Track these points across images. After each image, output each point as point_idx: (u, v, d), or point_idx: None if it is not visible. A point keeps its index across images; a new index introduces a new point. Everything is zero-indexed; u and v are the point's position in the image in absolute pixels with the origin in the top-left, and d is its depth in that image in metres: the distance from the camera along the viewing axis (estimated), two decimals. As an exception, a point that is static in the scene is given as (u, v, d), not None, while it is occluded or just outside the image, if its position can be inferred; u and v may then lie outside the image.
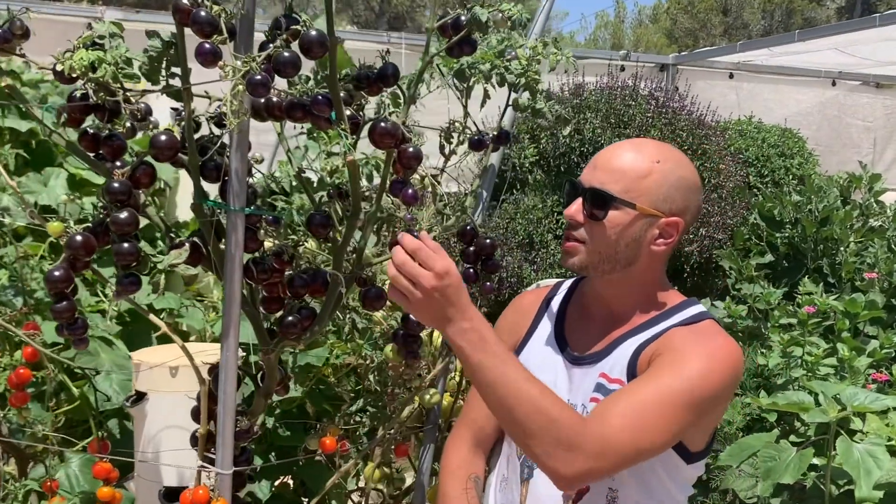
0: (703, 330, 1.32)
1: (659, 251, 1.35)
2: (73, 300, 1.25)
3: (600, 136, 3.99)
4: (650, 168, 1.32)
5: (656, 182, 1.32)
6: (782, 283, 3.74)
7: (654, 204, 1.32)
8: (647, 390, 1.23)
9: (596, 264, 1.35)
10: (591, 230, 1.34)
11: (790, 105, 7.28)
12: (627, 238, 1.33)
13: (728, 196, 4.10)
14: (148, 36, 1.22)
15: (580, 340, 1.41)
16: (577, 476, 1.17)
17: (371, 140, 1.25)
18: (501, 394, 1.16)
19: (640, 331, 1.35)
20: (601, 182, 1.32)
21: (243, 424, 1.33)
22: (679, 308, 1.37)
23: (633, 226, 1.32)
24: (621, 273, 1.36)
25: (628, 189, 1.31)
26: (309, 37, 1.14)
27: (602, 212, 1.32)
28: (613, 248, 1.33)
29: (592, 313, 1.43)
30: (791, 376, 2.72)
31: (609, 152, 1.37)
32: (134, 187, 1.22)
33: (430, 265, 1.15)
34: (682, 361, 1.25)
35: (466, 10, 1.48)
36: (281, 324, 1.32)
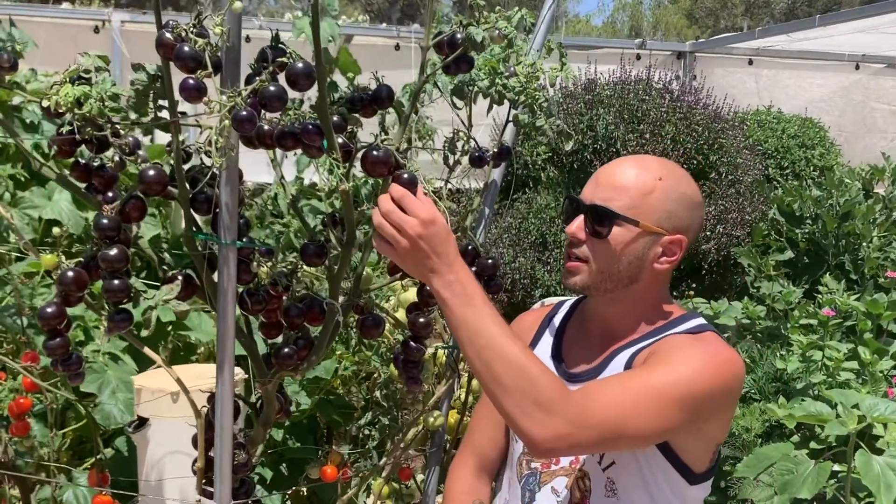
0: (703, 337, 1.31)
1: (662, 269, 1.34)
2: (66, 336, 1.26)
3: (613, 132, 3.95)
4: (653, 185, 1.31)
5: (659, 199, 1.31)
6: (802, 281, 3.70)
7: (657, 221, 1.31)
8: (640, 377, 1.22)
9: (598, 283, 1.33)
10: (593, 248, 1.32)
11: (812, 91, 7.18)
12: (630, 256, 1.31)
13: (746, 191, 4.05)
14: (134, 69, 1.21)
15: (576, 357, 1.40)
16: (550, 439, 1.14)
17: (364, 169, 1.24)
18: (482, 348, 1.15)
19: (637, 343, 1.34)
20: (604, 199, 1.31)
21: (241, 458, 1.32)
22: (680, 320, 1.36)
23: (636, 243, 1.31)
24: (623, 291, 1.34)
25: (632, 206, 1.30)
26: (295, 69, 1.12)
27: (605, 229, 1.30)
28: (616, 266, 1.32)
29: (591, 331, 1.42)
30: (811, 381, 2.68)
31: (611, 169, 1.36)
32: (124, 222, 1.22)
33: (415, 213, 1.15)
34: (679, 358, 1.23)
35: (462, 27, 1.46)
36: (277, 355, 1.32)
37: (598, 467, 1.33)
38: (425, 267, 1.17)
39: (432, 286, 1.18)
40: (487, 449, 1.51)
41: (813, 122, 5.40)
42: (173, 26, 1.13)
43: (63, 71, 1.25)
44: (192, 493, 1.63)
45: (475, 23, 1.47)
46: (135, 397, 1.73)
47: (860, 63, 7.26)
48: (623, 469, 1.30)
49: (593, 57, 5.42)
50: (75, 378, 1.29)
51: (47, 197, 2.53)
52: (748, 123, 5.23)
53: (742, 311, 3.27)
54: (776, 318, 3.31)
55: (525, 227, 3.95)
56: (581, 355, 1.40)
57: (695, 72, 6.61)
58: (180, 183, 1.23)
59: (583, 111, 4.07)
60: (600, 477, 1.32)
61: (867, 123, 7.42)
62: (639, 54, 6.40)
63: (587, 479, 1.33)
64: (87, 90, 1.16)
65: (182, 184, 1.23)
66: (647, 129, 3.96)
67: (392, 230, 1.16)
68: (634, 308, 1.36)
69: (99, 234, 1.19)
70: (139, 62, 1.20)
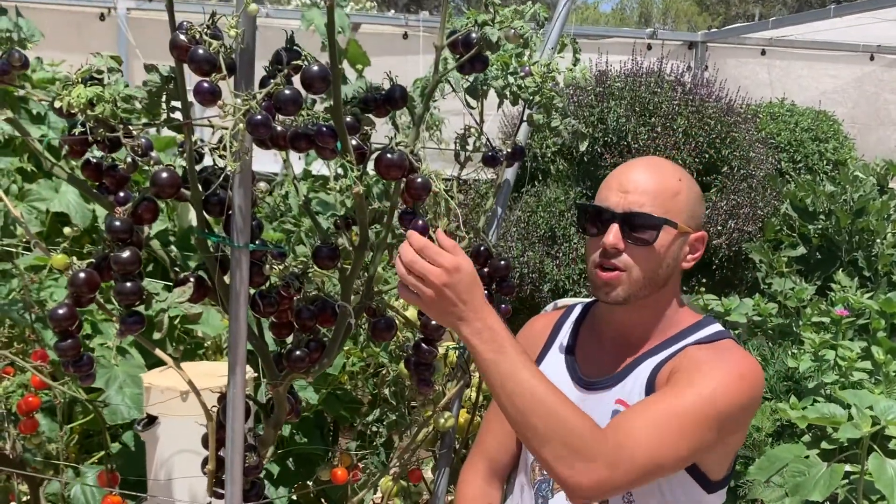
0: (722, 347, 1.31)
1: (687, 267, 1.37)
2: (77, 338, 1.26)
3: (624, 126, 3.94)
4: (678, 186, 1.34)
5: (686, 199, 1.34)
6: (815, 277, 3.69)
7: (686, 221, 1.34)
8: (667, 404, 1.22)
9: (639, 291, 1.34)
10: (636, 256, 1.32)
11: (825, 82, 7.14)
12: (669, 259, 1.34)
13: (758, 186, 4.04)
14: (146, 70, 1.21)
15: (591, 364, 1.40)
16: (592, 486, 1.14)
17: (377, 172, 1.24)
18: (515, 396, 1.15)
19: (656, 352, 1.34)
20: (641, 205, 1.32)
21: (252, 461, 1.33)
22: (696, 327, 1.36)
23: (675, 245, 1.34)
24: (655, 296, 1.35)
25: (667, 209, 1.32)
26: (311, 72, 1.12)
27: (650, 235, 1.31)
28: (655, 271, 1.33)
29: (603, 335, 1.42)
30: (823, 380, 2.68)
31: (633, 174, 1.36)
32: (136, 223, 1.22)
33: (439, 262, 1.14)
34: (702, 376, 1.24)
35: (477, 26, 1.45)
36: (289, 358, 1.32)
37: None
38: (452, 315, 1.16)
39: (461, 333, 1.18)
40: (498, 454, 1.51)
41: (827, 116, 5.37)
42: (187, 28, 1.13)
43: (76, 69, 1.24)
44: (202, 492, 1.64)
45: (490, 21, 1.46)
46: (144, 395, 1.73)
47: (875, 54, 7.21)
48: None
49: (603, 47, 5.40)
50: (86, 379, 1.30)
51: (54, 189, 2.53)
52: (761, 116, 5.20)
53: (753, 308, 3.27)
54: (788, 315, 3.31)
55: (534, 220, 3.95)
56: (596, 361, 1.40)
57: (707, 62, 6.58)
58: (193, 185, 1.23)
59: (593, 103, 4.06)
60: None
61: (881, 115, 7.38)
62: (650, 44, 6.37)
63: None
64: (100, 91, 1.16)
65: (195, 186, 1.23)
66: (658, 122, 3.95)
67: (416, 281, 1.15)
68: (655, 312, 1.37)
69: (111, 237, 1.19)
70: (152, 63, 1.20)
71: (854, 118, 6.96)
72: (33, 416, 1.72)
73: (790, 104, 5.55)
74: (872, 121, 7.32)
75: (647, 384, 1.31)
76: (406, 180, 1.25)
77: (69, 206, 2.53)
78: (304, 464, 2.67)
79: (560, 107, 1.55)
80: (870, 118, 7.29)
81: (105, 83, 1.19)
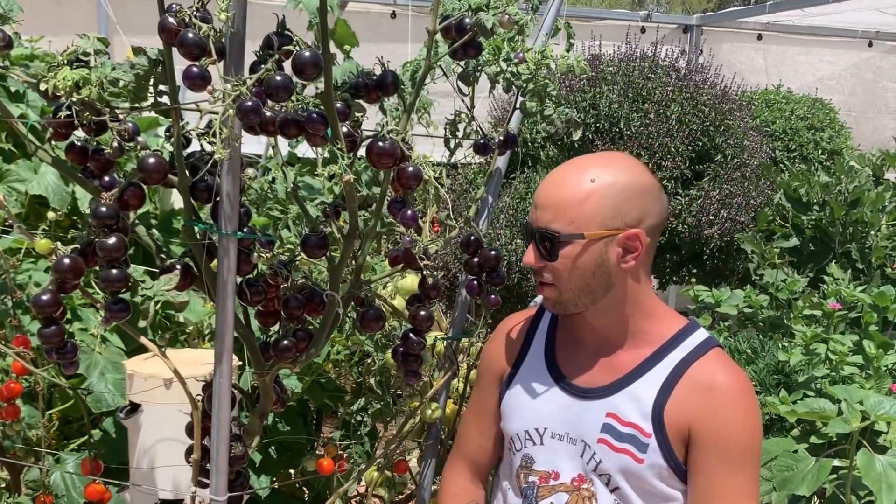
0: (720, 371, 1.33)
1: (630, 267, 1.34)
2: (61, 324, 1.27)
3: (617, 111, 3.96)
4: (588, 191, 1.30)
5: (597, 203, 1.30)
6: (807, 269, 3.74)
7: (602, 224, 1.30)
8: (735, 491, 1.29)
9: (574, 300, 1.35)
10: (552, 271, 1.34)
11: (822, 68, 7.18)
12: (590, 267, 1.32)
13: (752, 175, 4.07)
14: (134, 52, 1.22)
15: (576, 370, 1.41)
16: None
17: (369, 160, 1.25)
18: None
19: (649, 367, 1.35)
20: (545, 222, 1.32)
21: (237, 451, 1.35)
22: (682, 335, 1.37)
23: (588, 254, 1.31)
24: (605, 300, 1.36)
25: (571, 220, 1.30)
26: (302, 58, 1.13)
27: (552, 252, 1.32)
28: (582, 281, 1.33)
29: (585, 341, 1.43)
30: (813, 374, 2.73)
31: (545, 186, 1.36)
32: (122, 209, 1.23)
33: None
34: (738, 445, 1.30)
35: (471, 12, 1.47)
36: (276, 347, 1.34)
37: (605, 489, 1.35)
38: None
39: None
40: (477, 456, 1.54)
41: (823, 104, 5.41)
42: (176, 10, 1.13)
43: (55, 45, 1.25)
44: (185, 481, 1.66)
45: (485, 6, 1.48)
46: (127, 382, 1.75)
47: (873, 40, 7.25)
48: (633, 496, 1.34)
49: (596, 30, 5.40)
50: (70, 366, 1.32)
51: (33, 170, 2.52)
52: (756, 103, 5.24)
53: (744, 300, 3.31)
54: (779, 307, 3.35)
55: (523, 207, 3.96)
56: (581, 369, 1.41)
57: (702, 46, 6.60)
58: (180, 171, 1.24)
59: (585, 88, 4.07)
60: (608, 498, 1.35)
61: (878, 104, 7.43)
62: (643, 27, 6.38)
63: (594, 499, 1.35)
64: (86, 74, 1.17)
65: (182, 172, 1.24)
66: (651, 108, 3.96)
67: None
68: (621, 313, 1.37)
69: (97, 223, 1.20)
70: (140, 46, 1.21)
71: (851, 106, 7.01)
72: (14, 402, 1.73)
73: (786, 91, 5.58)
74: (870, 109, 7.37)
75: (655, 416, 1.32)
76: (397, 169, 1.27)
77: (48, 189, 2.52)
78: (287, 453, 2.69)
79: (554, 95, 1.57)
80: (867, 106, 7.34)
81: (91, 66, 1.19)
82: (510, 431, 1.45)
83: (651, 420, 1.31)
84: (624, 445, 1.32)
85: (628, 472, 1.32)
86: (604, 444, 1.34)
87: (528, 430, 1.42)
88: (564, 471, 1.37)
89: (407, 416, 1.78)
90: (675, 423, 1.31)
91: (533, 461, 1.41)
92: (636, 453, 1.31)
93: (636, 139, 3.92)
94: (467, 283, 1.67)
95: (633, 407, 1.33)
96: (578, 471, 1.36)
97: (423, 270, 1.42)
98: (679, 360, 1.34)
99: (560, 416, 1.39)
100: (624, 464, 1.32)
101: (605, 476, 1.34)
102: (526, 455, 1.42)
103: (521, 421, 1.43)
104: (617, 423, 1.34)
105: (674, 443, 1.31)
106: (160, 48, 1.21)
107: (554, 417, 1.39)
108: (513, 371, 1.48)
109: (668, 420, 1.31)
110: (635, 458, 1.31)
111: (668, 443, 1.31)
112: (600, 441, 1.34)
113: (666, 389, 1.33)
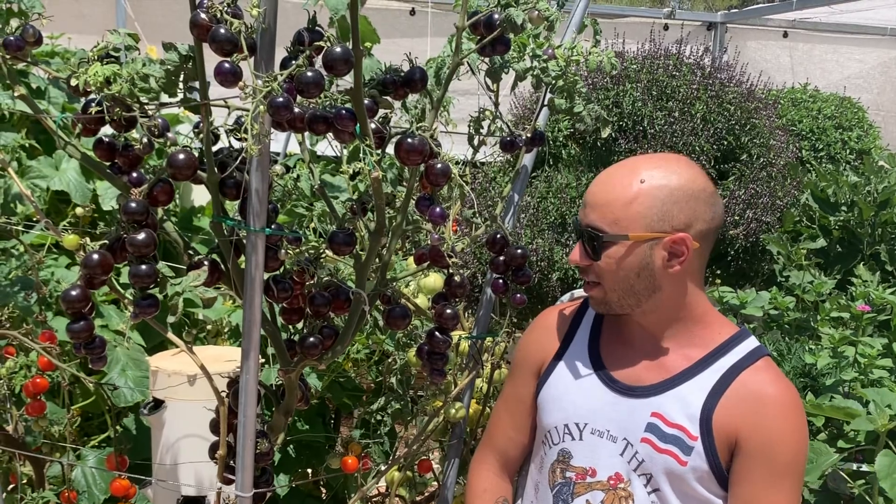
0: (771, 382, 1.34)
1: (676, 272, 1.34)
2: (90, 320, 1.30)
3: (641, 110, 3.96)
4: (636, 192, 1.31)
5: (644, 204, 1.31)
6: (835, 270, 3.72)
7: (648, 227, 1.31)
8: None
9: (619, 301, 1.37)
10: (597, 270, 1.36)
11: (850, 66, 7.13)
12: (634, 269, 1.33)
13: (778, 175, 4.06)
14: (165, 48, 1.24)
15: (623, 368, 1.41)
16: None
17: (397, 157, 1.27)
18: None
19: (698, 371, 1.36)
20: (592, 221, 1.34)
21: (263, 447, 1.37)
22: (733, 343, 1.38)
23: (634, 255, 1.32)
24: (651, 303, 1.36)
25: (617, 220, 1.32)
26: (333, 54, 1.15)
27: (597, 251, 1.33)
28: (627, 282, 1.34)
29: (633, 340, 1.43)
30: (841, 377, 2.72)
31: (595, 185, 1.38)
32: (151, 205, 1.26)
33: None
34: (784, 459, 1.31)
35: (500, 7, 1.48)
36: (302, 344, 1.36)
37: (643, 489, 1.36)
38: None
39: None
40: (508, 448, 1.55)
41: (851, 102, 5.37)
42: (208, 6, 1.16)
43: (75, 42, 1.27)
44: (208, 477, 1.68)
45: (514, 2, 1.49)
46: (150, 378, 1.78)
47: (903, 38, 7.20)
48: (672, 498, 1.35)
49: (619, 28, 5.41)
50: (98, 361, 1.34)
51: (54, 167, 2.57)
52: (782, 102, 5.22)
53: (770, 302, 3.30)
54: (805, 309, 3.34)
55: (544, 206, 3.97)
56: (628, 367, 1.41)
57: (726, 44, 6.58)
58: (209, 168, 1.26)
59: (609, 86, 4.07)
60: (645, 499, 1.36)
61: (907, 103, 7.38)
62: (667, 24, 6.38)
63: (631, 499, 1.36)
64: (118, 69, 1.19)
65: (212, 169, 1.26)
66: (676, 106, 3.96)
67: None
68: (669, 315, 1.38)
69: (127, 218, 1.22)
70: (170, 41, 1.23)
71: (879, 105, 6.96)
72: (40, 398, 1.76)
73: (813, 90, 5.55)
74: (899, 108, 7.32)
75: (703, 420, 1.32)
76: (425, 166, 1.28)
77: (69, 185, 2.57)
78: (306, 451, 2.72)
79: (584, 91, 1.58)
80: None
81: (122, 62, 1.22)
82: (548, 425, 1.45)
83: (699, 423, 1.32)
84: (668, 447, 1.33)
85: (671, 473, 1.33)
86: (647, 444, 1.34)
87: (567, 423, 1.42)
88: (602, 468, 1.38)
89: (431, 416, 1.79)
90: (722, 430, 1.31)
91: (571, 456, 1.41)
92: (680, 455, 1.32)
93: (660, 138, 3.92)
94: (492, 282, 1.69)
95: (680, 408, 1.34)
96: (617, 469, 1.37)
97: (451, 268, 1.43)
98: (729, 367, 1.35)
99: (602, 412, 1.39)
100: (667, 465, 1.32)
101: (645, 476, 1.35)
102: (563, 450, 1.42)
103: (560, 414, 1.43)
104: (662, 424, 1.34)
105: (720, 448, 1.31)
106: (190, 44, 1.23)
107: (595, 413, 1.39)
108: (553, 363, 1.48)
109: (716, 425, 1.31)
110: (679, 459, 1.32)
111: (713, 448, 1.31)
112: (644, 440, 1.34)
113: (715, 395, 1.33)
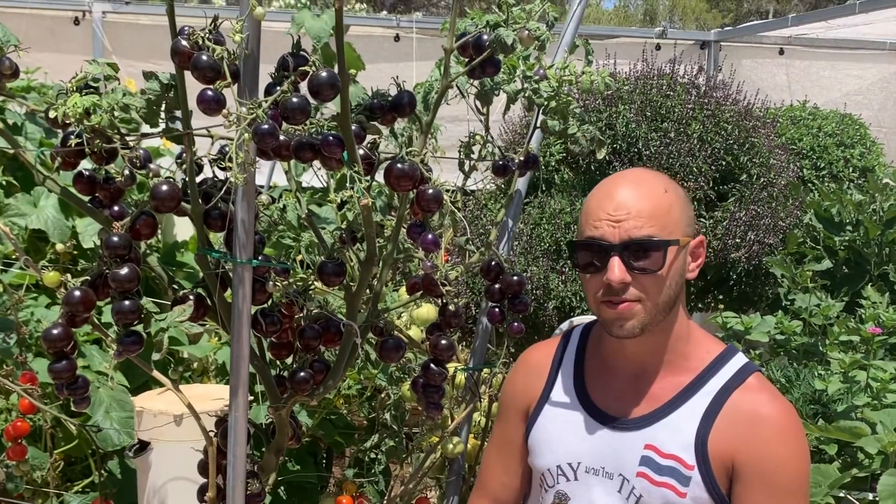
0: (766, 401, 1.34)
1: (691, 276, 1.39)
2: (72, 359, 1.29)
3: (635, 131, 3.99)
4: (668, 199, 1.34)
5: (678, 210, 1.35)
6: (841, 293, 3.73)
7: (684, 232, 1.36)
8: None
9: (657, 316, 1.34)
10: (646, 284, 1.32)
11: (848, 83, 7.21)
12: (677, 275, 1.35)
13: (780, 195, 4.08)
14: (145, 77, 1.25)
15: (610, 400, 1.41)
16: None
17: (387, 183, 1.28)
18: None
19: (688, 396, 1.35)
20: (640, 229, 1.31)
21: (254, 488, 1.36)
22: (720, 362, 1.38)
23: (678, 261, 1.35)
24: (668, 319, 1.36)
25: (665, 226, 1.33)
26: (319, 79, 1.16)
27: (657, 261, 1.31)
28: (671, 291, 1.35)
29: (618, 368, 1.42)
30: (853, 403, 2.71)
31: (620, 197, 1.34)
32: (134, 239, 1.26)
33: None
34: (786, 482, 1.30)
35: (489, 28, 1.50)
36: (293, 379, 1.35)
37: None
38: None
39: None
40: (502, 495, 1.54)
41: (853, 119, 5.42)
42: (189, 33, 1.17)
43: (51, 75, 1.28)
44: (197, 523, 1.66)
45: (503, 22, 1.51)
46: (135, 419, 1.77)
47: (902, 52, 7.29)
48: None
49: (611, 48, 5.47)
50: (81, 402, 1.33)
51: (33, 204, 2.57)
52: (780, 120, 5.26)
53: (775, 327, 3.30)
54: (813, 333, 3.34)
55: (537, 233, 3.98)
56: (613, 397, 1.41)
57: (721, 63, 6.65)
58: (193, 199, 1.27)
59: (601, 108, 4.11)
60: None
61: (909, 119, 7.45)
62: (659, 44, 6.45)
63: None
64: (97, 100, 1.20)
65: (195, 200, 1.26)
66: (671, 127, 3.99)
67: None
68: (666, 335, 1.38)
69: (109, 253, 1.23)
70: (151, 71, 1.24)
71: (881, 122, 7.02)
72: (21, 442, 1.75)
73: (812, 107, 5.61)
74: (901, 125, 7.38)
75: (698, 448, 1.32)
76: (416, 191, 1.29)
77: (47, 223, 2.57)
78: (298, 493, 2.70)
79: (577, 112, 1.59)
80: (897, 121, 7.36)
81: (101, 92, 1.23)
82: (541, 467, 1.44)
83: (694, 451, 1.31)
84: (664, 479, 1.32)
85: None
86: (643, 478, 1.33)
87: (560, 465, 1.41)
88: None
89: (427, 452, 1.79)
90: (718, 455, 1.31)
91: (568, 498, 1.40)
92: (678, 487, 1.31)
93: (656, 159, 3.95)
94: (488, 311, 1.69)
95: (674, 438, 1.33)
96: None
97: (445, 297, 1.43)
98: (719, 388, 1.34)
99: (594, 450, 1.38)
100: (666, 498, 1.31)
101: None
102: (559, 492, 1.41)
103: (552, 456, 1.42)
104: (656, 456, 1.33)
105: (718, 475, 1.31)
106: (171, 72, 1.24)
107: (588, 451, 1.38)
108: (540, 403, 1.47)
109: (711, 451, 1.31)
110: (677, 491, 1.31)
111: (711, 475, 1.30)
112: (639, 475, 1.33)
113: (708, 419, 1.32)
